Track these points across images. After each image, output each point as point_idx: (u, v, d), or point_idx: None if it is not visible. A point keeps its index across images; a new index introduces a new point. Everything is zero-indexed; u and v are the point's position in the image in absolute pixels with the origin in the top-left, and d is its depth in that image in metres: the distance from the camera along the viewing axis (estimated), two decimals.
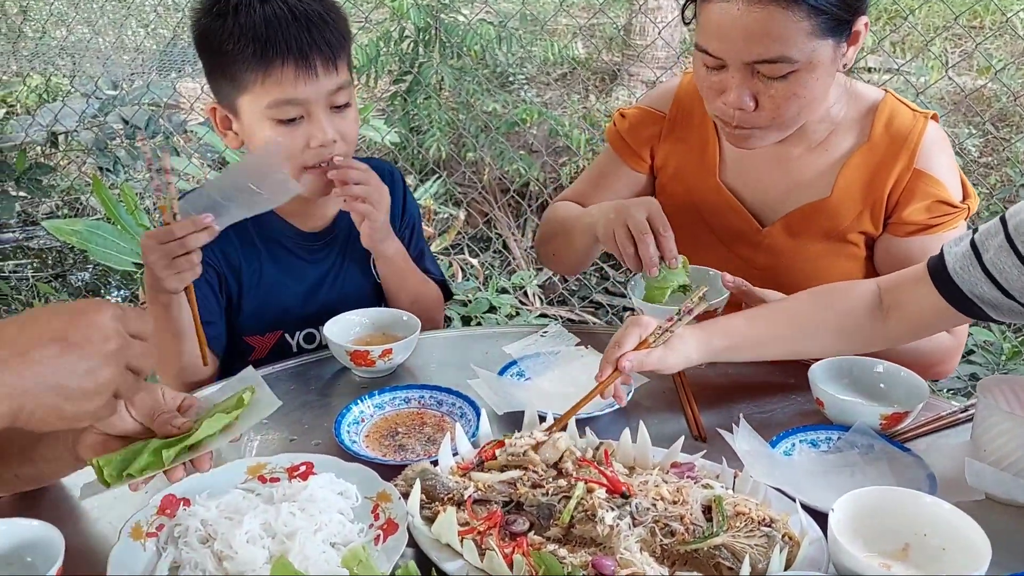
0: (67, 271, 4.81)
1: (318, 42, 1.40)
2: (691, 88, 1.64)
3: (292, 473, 1.14)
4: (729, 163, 1.63)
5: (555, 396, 1.34)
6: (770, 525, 1.00)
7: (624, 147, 1.72)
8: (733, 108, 1.40)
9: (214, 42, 1.43)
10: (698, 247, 1.62)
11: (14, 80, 5.72)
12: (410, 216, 1.75)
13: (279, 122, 1.43)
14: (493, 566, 0.95)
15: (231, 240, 1.57)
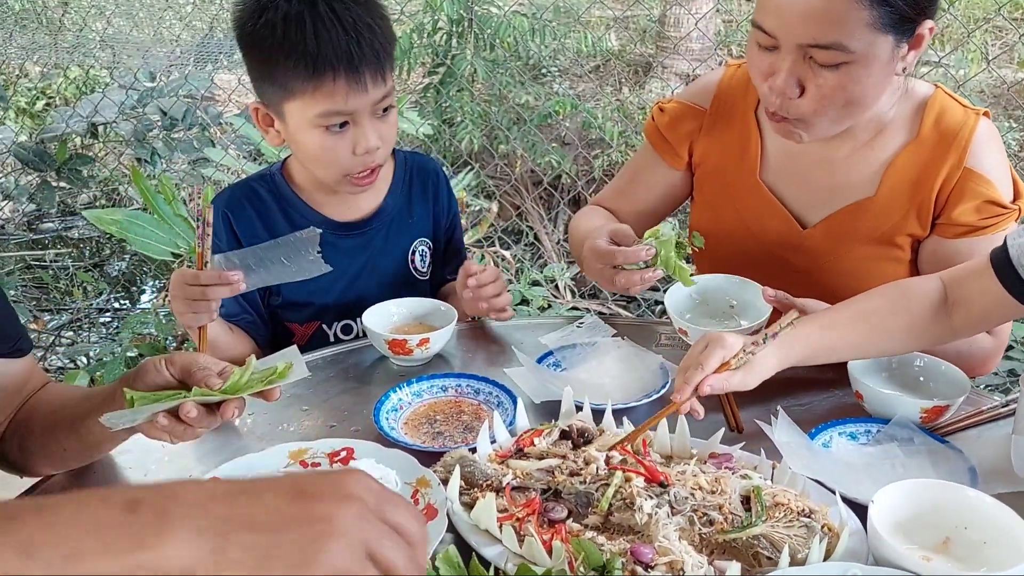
0: (104, 261, 4.90)
1: (367, 54, 1.40)
2: (733, 82, 1.61)
3: (333, 458, 1.16)
4: (771, 162, 1.58)
5: (591, 387, 1.34)
6: (809, 516, 1.00)
7: (662, 143, 1.68)
8: (777, 94, 1.36)
9: (263, 50, 1.43)
10: (736, 248, 1.60)
11: (53, 72, 5.82)
12: (453, 213, 1.77)
13: (326, 129, 1.45)
14: (532, 552, 0.96)
15: (263, 233, 1.58)
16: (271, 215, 1.60)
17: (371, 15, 1.45)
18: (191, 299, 1.34)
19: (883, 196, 1.50)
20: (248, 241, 1.56)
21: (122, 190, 4.83)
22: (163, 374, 1.08)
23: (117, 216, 3.12)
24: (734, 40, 5.50)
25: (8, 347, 1.26)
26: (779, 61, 1.34)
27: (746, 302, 1.48)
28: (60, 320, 4.17)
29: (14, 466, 1.26)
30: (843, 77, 1.31)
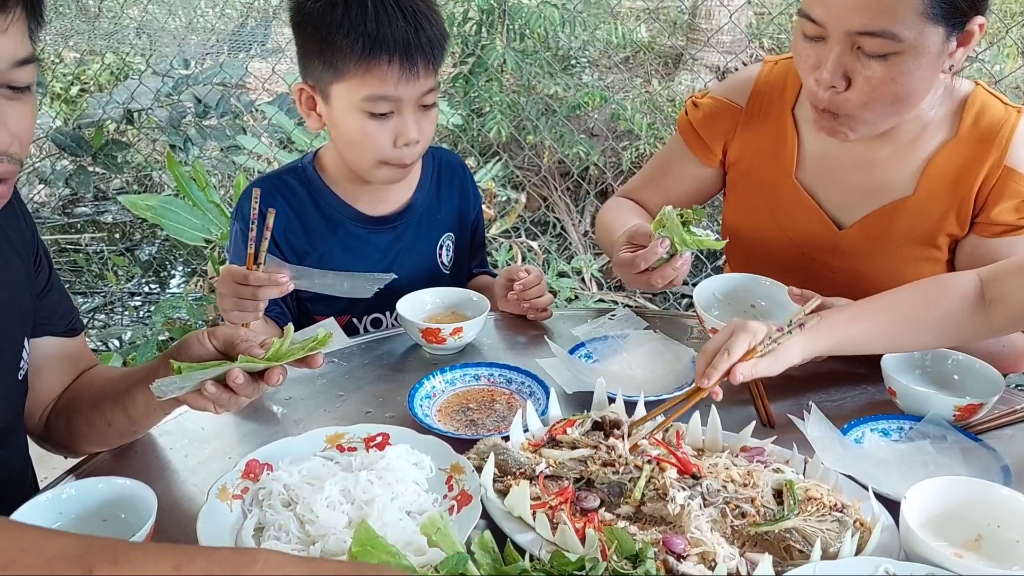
0: (136, 245, 4.97)
1: (423, 43, 1.42)
2: (770, 79, 1.60)
3: (369, 443, 1.18)
4: (808, 161, 1.56)
5: (623, 378, 1.35)
6: (842, 511, 1.01)
7: (695, 138, 1.67)
8: (824, 87, 1.34)
9: (319, 28, 1.44)
10: (771, 249, 1.59)
11: (88, 58, 5.90)
12: (477, 208, 1.78)
13: (371, 115, 1.46)
14: (565, 540, 0.97)
15: (296, 226, 1.61)
16: (304, 207, 1.62)
17: (429, 8, 1.47)
18: (240, 297, 1.37)
19: (922, 195, 1.48)
20: (281, 233, 1.58)
21: (155, 176, 4.90)
22: (207, 346, 1.11)
23: (152, 202, 3.17)
24: (766, 33, 5.46)
25: (64, 325, 1.30)
26: (825, 52, 1.32)
27: (774, 303, 1.48)
28: (93, 303, 4.25)
29: (60, 446, 1.30)
30: (892, 68, 1.29)
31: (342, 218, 1.63)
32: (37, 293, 1.25)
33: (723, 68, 4.93)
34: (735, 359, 1.17)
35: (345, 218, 1.63)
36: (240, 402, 1.09)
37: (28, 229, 1.24)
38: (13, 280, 1.18)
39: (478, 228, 1.79)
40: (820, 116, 1.40)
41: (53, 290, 1.29)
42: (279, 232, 1.59)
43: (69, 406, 1.30)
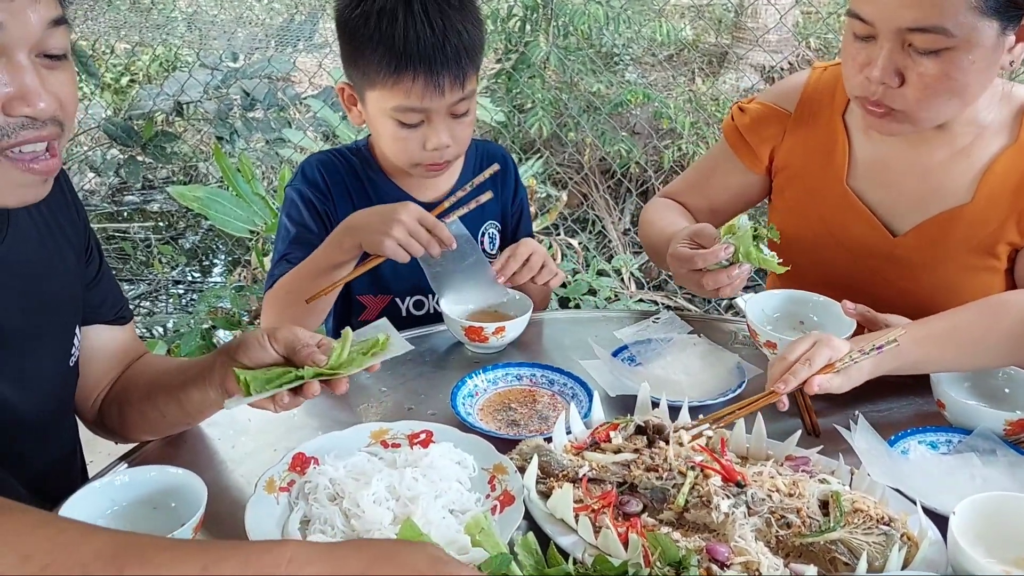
0: (180, 234, 5.06)
1: (450, 61, 1.44)
2: (820, 85, 1.58)
3: (412, 440, 1.20)
4: (860, 167, 1.54)
5: (667, 383, 1.35)
6: (889, 524, 1.00)
7: (741, 144, 1.65)
8: (876, 84, 1.32)
9: (354, 38, 1.48)
10: (822, 258, 1.57)
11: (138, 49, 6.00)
12: (520, 200, 1.79)
13: (400, 123, 1.50)
14: (608, 544, 0.98)
15: (349, 202, 1.64)
16: (358, 185, 1.66)
17: (464, 19, 1.47)
18: (413, 235, 1.39)
19: (980, 203, 1.45)
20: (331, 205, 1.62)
21: (201, 167, 4.97)
22: (268, 350, 1.13)
23: (199, 193, 3.21)
24: (813, 32, 5.38)
25: (113, 314, 1.33)
26: (875, 50, 1.31)
27: (827, 318, 1.45)
28: (138, 290, 4.33)
29: (112, 432, 1.33)
30: (945, 64, 1.28)
31: (392, 201, 1.65)
32: (88, 282, 1.28)
33: (769, 68, 4.88)
34: (815, 370, 1.17)
35: (395, 201, 1.65)
36: (300, 403, 1.11)
37: (80, 220, 1.28)
38: (65, 269, 1.21)
39: (522, 219, 1.80)
40: (870, 111, 1.38)
41: (103, 279, 1.32)
42: (330, 205, 1.63)
43: (122, 395, 1.33)
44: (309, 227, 1.61)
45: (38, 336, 1.15)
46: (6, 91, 0.94)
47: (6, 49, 0.93)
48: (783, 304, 1.50)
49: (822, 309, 1.46)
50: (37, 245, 1.16)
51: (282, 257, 1.58)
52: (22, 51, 0.94)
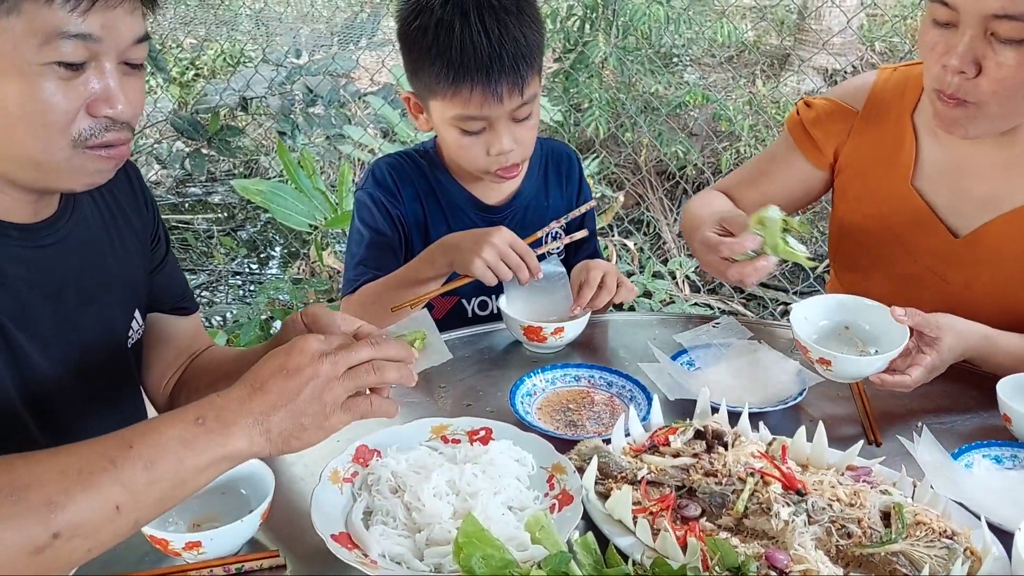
0: (239, 226, 5.17)
1: (507, 68, 1.46)
2: (888, 86, 1.57)
3: (472, 436, 1.21)
4: (926, 168, 1.52)
5: (725, 388, 1.35)
6: (951, 537, 0.99)
7: (805, 138, 1.64)
8: (952, 73, 1.29)
9: (413, 51, 1.52)
10: (883, 258, 1.55)
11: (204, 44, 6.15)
12: (584, 198, 1.80)
13: (463, 131, 1.52)
14: (666, 547, 0.98)
15: (418, 204, 1.67)
16: (426, 187, 1.69)
17: (522, 24, 1.49)
18: (503, 258, 1.42)
19: None
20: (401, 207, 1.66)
21: (263, 161, 5.08)
22: (301, 328, 1.17)
23: (262, 187, 3.29)
24: (878, 36, 5.28)
25: (176, 303, 1.38)
26: (956, 38, 1.28)
27: (876, 325, 1.41)
28: (198, 280, 4.44)
29: None
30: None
31: (459, 203, 1.69)
32: (151, 269, 1.34)
33: (831, 71, 4.80)
34: None
35: (461, 203, 1.69)
36: None
37: (149, 210, 1.35)
38: (127, 254, 1.28)
39: (586, 216, 1.81)
40: (943, 105, 1.35)
41: (167, 268, 1.38)
42: (406, 208, 1.67)
43: (189, 383, 1.38)
44: (383, 231, 1.64)
45: (93, 313, 1.21)
46: (93, 92, 1.01)
47: (97, 56, 1.00)
48: (829, 311, 1.46)
49: (871, 314, 1.42)
50: (99, 228, 1.23)
51: (359, 262, 1.62)
52: (110, 60, 1.02)
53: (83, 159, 1.04)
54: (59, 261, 1.14)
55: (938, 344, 1.30)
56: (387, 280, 1.55)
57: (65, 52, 0.97)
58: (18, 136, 1.00)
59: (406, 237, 1.68)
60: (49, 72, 0.98)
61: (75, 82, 1.00)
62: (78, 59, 0.99)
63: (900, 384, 1.29)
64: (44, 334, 1.13)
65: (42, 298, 1.12)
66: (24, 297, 1.10)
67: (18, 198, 1.09)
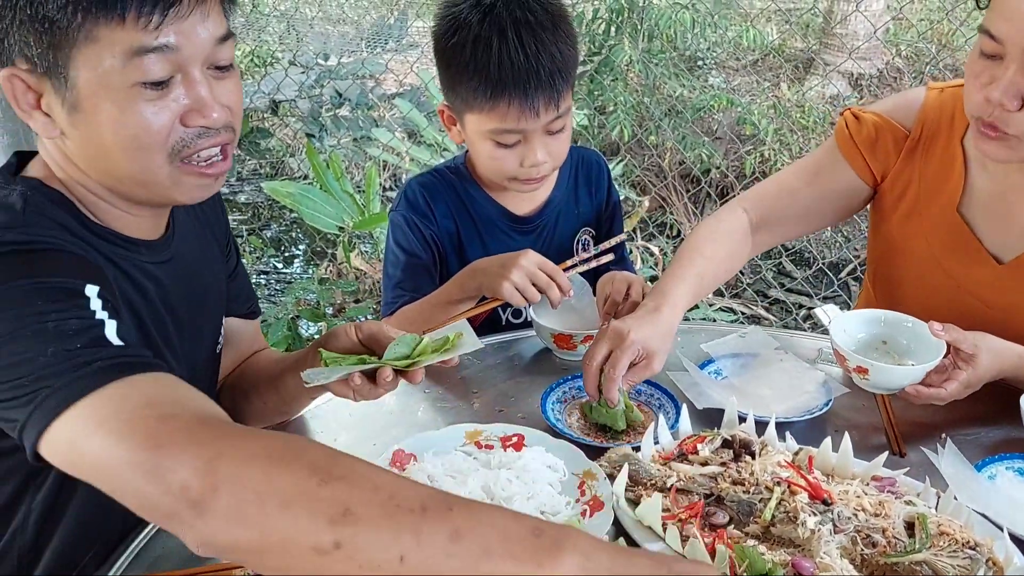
0: (265, 225, 5.24)
1: (543, 83, 1.49)
2: (937, 105, 1.55)
3: (505, 442, 1.25)
4: (974, 195, 1.51)
5: (752, 398, 1.37)
6: (974, 548, 1.01)
7: (855, 152, 1.61)
8: (994, 105, 1.30)
9: (451, 66, 1.55)
10: (924, 281, 1.56)
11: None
12: (613, 204, 1.84)
13: (498, 144, 1.56)
14: (695, 553, 1.01)
15: (451, 220, 1.70)
16: (458, 203, 1.73)
17: (557, 40, 1.52)
18: (532, 280, 1.45)
19: None
20: (435, 226, 1.70)
21: (289, 162, 5.14)
22: (352, 339, 1.21)
23: (291, 189, 3.34)
24: (903, 40, 5.27)
25: (246, 308, 1.43)
26: (1001, 70, 1.29)
27: (913, 340, 1.44)
28: None
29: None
30: None
31: (491, 216, 1.72)
32: (228, 275, 1.39)
33: (856, 75, 4.80)
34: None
35: (493, 216, 1.72)
36: (378, 394, 1.17)
37: (223, 217, 1.39)
38: (214, 264, 1.32)
39: (614, 222, 1.84)
40: (983, 130, 1.35)
41: (239, 274, 1.43)
42: (440, 226, 1.71)
43: (236, 384, 1.43)
44: (417, 253, 1.68)
45: (200, 324, 1.26)
46: (184, 104, 1.02)
47: (182, 66, 1.01)
48: (867, 325, 1.49)
49: (909, 330, 1.45)
50: (194, 240, 1.27)
51: (396, 284, 1.66)
52: (196, 67, 1.02)
53: (180, 173, 1.05)
54: (175, 276, 1.18)
55: (974, 361, 1.32)
56: (422, 304, 1.59)
57: (149, 69, 0.97)
58: (118, 159, 1.03)
59: (441, 256, 1.71)
60: (137, 94, 0.98)
61: (164, 100, 1.00)
62: (163, 75, 0.99)
63: (935, 397, 1.31)
64: (173, 345, 1.18)
65: (169, 312, 1.17)
66: (159, 310, 1.15)
67: (139, 215, 1.12)
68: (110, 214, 1.10)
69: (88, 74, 0.97)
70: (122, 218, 1.11)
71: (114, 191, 1.08)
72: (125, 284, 1.09)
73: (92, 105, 0.99)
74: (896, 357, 1.44)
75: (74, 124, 1.01)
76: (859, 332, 1.48)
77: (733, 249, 1.60)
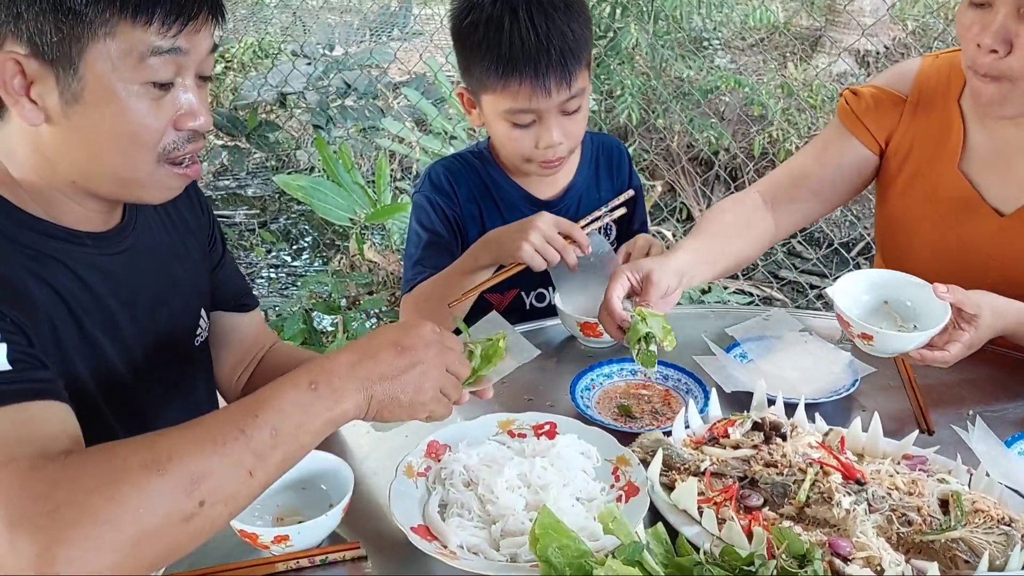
0: (273, 218, 5.25)
1: (554, 63, 1.50)
2: (932, 71, 1.60)
3: (538, 430, 1.26)
4: (973, 152, 1.55)
5: (779, 380, 1.38)
6: (1009, 524, 1.02)
7: (857, 124, 1.65)
8: (985, 51, 1.34)
9: (465, 47, 1.57)
10: (928, 239, 1.59)
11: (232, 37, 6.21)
12: (634, 188, 1.84)
13: (513, 124, 1.57)
14: (732, 535, 1.03)
15: (475, 204, 1.72)
16: (481, 187, 1.74)
17: (570, 19, 1.53)
18: (550, 242, 1.47)
19: None
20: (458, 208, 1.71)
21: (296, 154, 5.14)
22: None
23: (302, 182, 3.35)
24: (910, 15, 5.23)
25: (237, 301, 1.45)
26: (990, 17, 1.33)
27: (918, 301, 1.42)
28: None
29: None
30: None
31: (514, 200, 1.74)
32: (212, 268, 1.41)
33: (863, 52, 4.78)
34: None
35: (516, 199, 1.73)
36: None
37: (205, 215, 1.41)
38: (187, 255, 1.34)
39: (637, 206, 1.85)
40: (980, 83, 1.39)
41: (226, 268, 1.45)
42: (462, 209, 1.72)
43: (259, 380, 1.44)
44: (440, 233, 1.70)
45: (165, 314, 1.27)
46: (179, 108, 1.08)
47: (182, 71, 1.06)
48: (870, 286, 1.46)
49: (911, 290, 1.42)
50: (162, 234, 1.29)
51: (416, 262, 1.68)
52: (190, 73, 1.08)
53: (163, 174, 1.10)
54: (130, 267, 1.20)
55: (976, 321, 1.33)
56: (436, 278, 1.61)
57: (159, 69, 1.03)
58: (105, 154, 1.06)
59: (463, 237, 1.72)
60: (143, 93, 1.04)
61: (164, 101, 1.06)
62: (169, 77, 1.05)
63: (940, 360, 1.33)
64: (122, 335, 1.19)
65: (119, 303, 1.18)
66: (103, 301, 1.16)
67: (92, 208, 1.14)
68: (58, 208, 1.11)
69: (101, 68, 1.01)
70: (71, 212, 1.13)
71: (77, 184, 1.10)
72: (63, 278, 1.11)
73: (96, 98, 1.02)
74: (899, 318, 1.43)
75: (69, 115, 1.03)
76: (862, 294, 1.45)
77: (743, 216, 1.64)
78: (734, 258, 1.62)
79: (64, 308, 1.11)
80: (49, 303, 1.08)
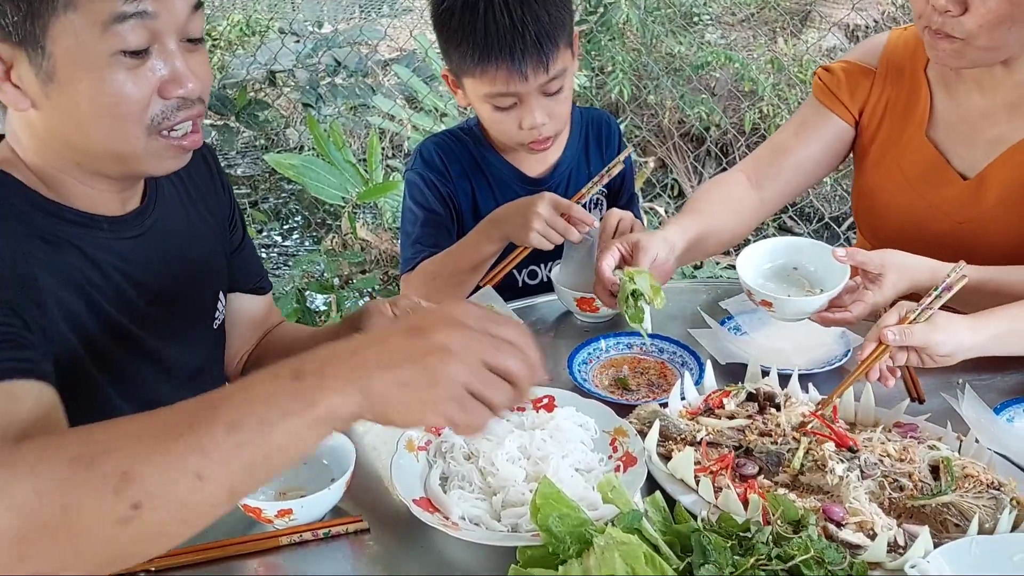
0: (262, 198, 5.23)
1: (530, 47, 1.50)
2: (899, 43, 1.63)
3: (536, 404, 1.28)
4: (940, 118, 1.58)
5: (772, 352, 1.41)
6: (998, 488, 1.05)
7: (831, 98, 1.68)
8: (939, 11, 1.35)
9: (443, 32, 1.58)
10: (900, 207, 1.62)
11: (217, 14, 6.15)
12: (625, 161, 1.84)
13: (495, 107, 1.58)
14: (728, 503, 1.05)
15: (466, 180, 1.73)
16: (472, 164, 1.75)
17: (546, 4, 1.52)
18: (547, 224, 1.49)
19: None
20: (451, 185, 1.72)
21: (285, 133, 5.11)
22: (389, 316, 1.23)
23: (294, 161, 3.34)
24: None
25: (253, 283, 1.45)
26: None
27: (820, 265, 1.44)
28: None
29: None
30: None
31: (504, 177, 1.75)
32: (231, 251, 1.40)
33: (853, 26, 4.77)
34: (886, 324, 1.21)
35: (507, 176, 1.75)
36: None
37: (226, 195, 1.39)
38: (207, 237, 1.33)
39: (626, 179, 1.86)
40: (932, 39, 1.41)
41: (245, 250, 1.44)
42: (456, 184, 1.73)
43: (261, 359, 1.46)
44: (435, 209, 1.71)
45: (184, 297, 1.26)
46: (161, 76, 1.03)
47: (158, 36, 1.01)
48: (773, 254, 1.48)
49: (815, 255, 1.44)
50: (181, 214, 1.28)
51: (415, 240, 1.69)
52: (171, 37, 1.02)
53: (158, 145, 1.06)
54: (149, 251, 1.19)
55: (880, 280, 1.34)
56: (445, 256, 1.62)
57: (127, 37, 0.98)
58: (93, 131, 1.03)
59: (457, 214, 1.73)
60: (116, 63, 0.99)
61: (142, 69, 1.01)
62: (141, 44, 0.99)
63: (842, 321, 1.34)
64: (141, 318, 1.18)
65: (135, 286, 1.17)
66: (120, 284, 1.15)
67: (105, 190, 1.12)
68: (72, 191, 1.10)
69: (66, 43, 0.97)
70: (87, 195, 1.11)
71: (82, 166, 1.08)
72: (76, 261, 1.09)
73: (68, 74, 0.99)
74: (807, 283, 1.44)
75: (48, 95, 1.01)
76: (766, 263, 1.47)
77: (730, 194, 1.68)
78: (725, 235, 1.64)
79: (78, 293, 1.09)
80: (58, 285, 1.06)
